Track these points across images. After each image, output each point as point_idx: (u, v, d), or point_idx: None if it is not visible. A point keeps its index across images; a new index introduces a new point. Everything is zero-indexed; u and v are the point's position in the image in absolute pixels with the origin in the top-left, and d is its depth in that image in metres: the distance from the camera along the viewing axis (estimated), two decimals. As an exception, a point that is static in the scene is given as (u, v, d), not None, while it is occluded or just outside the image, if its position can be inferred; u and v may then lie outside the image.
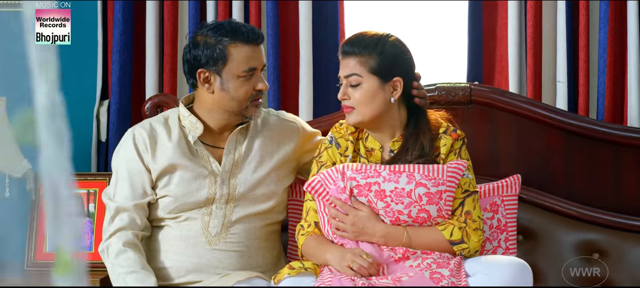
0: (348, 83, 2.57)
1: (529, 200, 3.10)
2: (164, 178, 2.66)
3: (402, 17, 3.60)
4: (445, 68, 3.61)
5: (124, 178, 2.67)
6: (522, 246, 3.05)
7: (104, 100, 3.52)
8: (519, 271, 2.41)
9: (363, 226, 2.50)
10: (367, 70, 2.54)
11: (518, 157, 3.15)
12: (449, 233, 2.51)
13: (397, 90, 2.57)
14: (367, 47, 2.55)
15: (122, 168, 2.69)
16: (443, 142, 2.59)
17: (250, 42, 2.61)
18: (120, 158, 2.71)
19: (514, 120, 3.16)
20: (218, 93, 2.62)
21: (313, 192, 2.58)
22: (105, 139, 3.50)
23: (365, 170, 2.53)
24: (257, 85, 2.63)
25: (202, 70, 2.62)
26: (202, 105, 2.68)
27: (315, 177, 2.58)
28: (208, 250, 2.63)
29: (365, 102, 2.55)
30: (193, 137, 2.67)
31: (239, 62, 2.60)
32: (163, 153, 2.66)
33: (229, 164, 2.68)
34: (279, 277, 2.49)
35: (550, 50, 3.39)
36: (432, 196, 2.49)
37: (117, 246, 2.59)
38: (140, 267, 2.55)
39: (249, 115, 2.66)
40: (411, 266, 2.46)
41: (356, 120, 2.58)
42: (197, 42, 2.63)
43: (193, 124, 2.66)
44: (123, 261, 2.57)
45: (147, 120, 2.77)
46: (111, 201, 2.67)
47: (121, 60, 3.45)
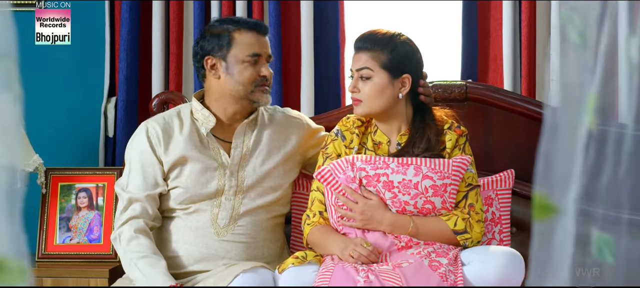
0: (359, 76, 2.63)
1: (523, 194, 3.11)
2: (176, 170, 2.71)
3: (400, 17, 3.62)
4: (440, 66, 3.62)
5: (137, 170, 2.72)
6: (516, 238, 3.06)
7: (111, 97, 3.55)
8: (511, 260, 2.47)
9: (371, 214, 2.57)
10: (379, 65, 2.61)
11: (512, 153, 3.17)
12: (454, 223, 2.57)
13: (405, 86, 2.64)
14: (379, 43, 2.62)
15: (135, 160, 2.74)
16: (448, 137, 2.66)
17: (254, 29, 2.70)
18: (133, 151, 2.75)
19: (508, 116, 3.18)
20: (223, 77, 2.70)
21: (322, 181, 2.63)
22: (113, 135, 3.53)
23: (374, 161, 2.59)
24: (261, 71, 2.70)
25: (209, 57, 2.70)
26: (211, 95, 2.74)
27: (326, 166, 2.64)
28: (216, 241, 2.69)
29: (374, 96, 2.62)
30: (206, 129, 2.72)
31: (243, 47, 2.69)
32: (175, 146, 2.71)
33: (237, 156, 2.73)
34: (284, 266, 2.53)
35: (544, 48, 3.39)
36: (438, 188, 2.56)
37: (129, 233, 2.65)
38: (151, 252, 2.61)
39: (255, 99, 2.72)
40: (412, 254, 2.51)
41: (363, 112, 2.65)
42: (204, 34, 2.73)
43: (206, 116, 2.73)
44: (134, 247, 2.62)
45: (160, 114, 2.82)
46: (124, 191, 2.72)
47: (128, 58, 3.47)
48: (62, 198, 3.25)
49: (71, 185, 3.26)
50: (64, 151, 3.52)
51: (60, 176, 3.27)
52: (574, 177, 1.39)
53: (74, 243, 3.21)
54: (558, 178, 1.39)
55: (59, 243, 3.20)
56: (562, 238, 1.38)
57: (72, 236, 3.22)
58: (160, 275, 2.55)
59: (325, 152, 2.72)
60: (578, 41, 1.40)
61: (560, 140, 1.40)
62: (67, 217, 3.23)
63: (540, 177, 1.38)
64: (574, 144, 1.40)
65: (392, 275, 2.42)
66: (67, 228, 3.22)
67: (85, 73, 3.56)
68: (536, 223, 1.40)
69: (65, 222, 3.23)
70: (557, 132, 1.41)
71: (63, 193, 3.25)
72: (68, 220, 3.23)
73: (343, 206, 2.60)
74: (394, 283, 2.39)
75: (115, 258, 3.17)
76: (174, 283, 2.53)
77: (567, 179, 1.39)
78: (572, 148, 1.41)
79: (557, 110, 1.41)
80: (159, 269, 2.57)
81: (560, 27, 1.40)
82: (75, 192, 3.25)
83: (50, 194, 3.24)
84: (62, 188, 3.26)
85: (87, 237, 3.21)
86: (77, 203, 3.24)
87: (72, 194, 3.25)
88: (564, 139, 1.40)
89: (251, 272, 2.54)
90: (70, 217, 3.23)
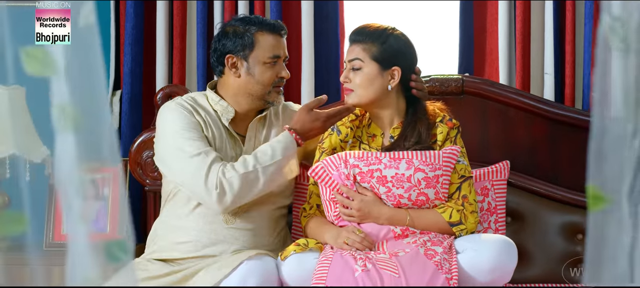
0: (351, 67, 2.70)
1: (517, 185, 3.17)
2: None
3: (398, 13, 3.65)
4: (438, 61, 3.65)
5: (190, 131, 2.70)
6: (511, 227, 3.12)
7: (116, 90, 3.56)
8: (504, 247, 2.53)
9: (369, 210, 2.61)
10: (369, 57, 2.68)
11: (507, 145, 3.22)
12: (449, 215, 2.62)
13: (394, 78, 2.69)
14: (372, 36, 2.69)
15: (181, 128, 2.70)
16: (439, 130, 2.70)
17: (276, 31, 2.76)
18: (174, 124, 2.72)
19: (504, 109, 3.23)
20: (244, 77, 2.76)
21: (316, 178, 2.68)
22: (118, 127, 3.54)
23: (367, 157, 2.64)
24: (280, 72, 2.77)
25: (230, 56, 2.75)
26: (227, 91, 2.80)
27: (319, 163, 2.69)
28: (224, 228, 2.75)
29: (364, 86, 2.68)
30: (227, 119, 2.78)
31: (265, 49, 2.75)
32: (207, 127, 2.75)
33: (250, 149, 2.80)
34: (286, 253, 2.59)
35: (538, 44, 3.44)
36: (430, 180, 2.61)
37: (223, 167, 2.65)
38: (255, 151, 2.71)
39: (271, 100, 2.79)
40: (408, 243, 2.56)
41: (354, 101, 2.71)
42: (227, 31, 2.77)
43: (224, 107, 2.78)
44: (242, 162, 2.67)
45: (180, 97, 2.82)
46: (183, 152, 2.67)
47: (133, 52, 3.49)
48: (69, 188, 3.29)
49: (78, 176, 3.31)
50: (70, 143, 3.54)
51: (67, 167, 3.30)
52: (626, 172, 1.47)
53: (80, 233, 3.25)
54: (609, 173, 1.47)
55: (66, 233, 3.23)
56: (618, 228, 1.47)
57: (79, 225, 3.26)
58: (276, 141, 2.70)
59: (321, 146, 2.77)
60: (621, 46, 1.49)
61: (608, 138, 1.48)
62: (74, 207, 3.27)
63: (593, 171, 1.46)
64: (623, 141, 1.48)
65: (389, 263, 2.47)
66: (74, 217, 3.27)
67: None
68: (591, 214, 1.49)
69: (72, 212, 3.27)
70: (606, 131, 1.49)
71: (70, 184, 3.29)
72: (75, 210, 3.27)
73: (341, 204, 2.64)
74: (391, 271, 2.44)
75: (120, 247, 3.21)
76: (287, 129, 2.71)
77: (620, 173, 1.46)
78: (621, 145, 1.48)
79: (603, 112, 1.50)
80: (272, 143, 2.70)
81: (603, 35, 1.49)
82: (82, 182, 3.29)
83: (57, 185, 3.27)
84: (69, 179, 3.30)
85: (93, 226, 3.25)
86: (84, 194, 3.28)
87: (79, 185, 3.29)
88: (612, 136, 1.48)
89: (255, 259, 2.60)
90: (76, 207, 3.28)
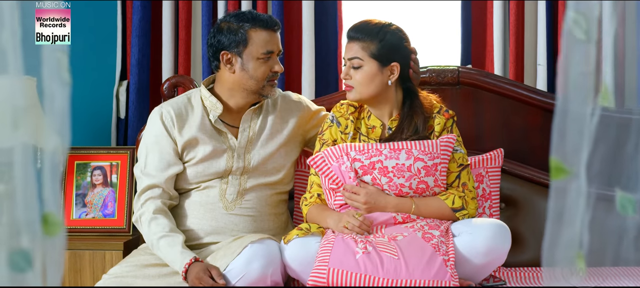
0: (351, 65, 2.75)
1: (511, 172, 3.23)
2: (188, 150, 2.83)
3: (399, 10, 3.71)
4: (440, 54, 3.71)
5: (154, 152, 2.84)
6: (505, 213, 3.19)
7: (123, 80, 3.64)
8: (498, 231, 2.60)
9: (375, 201, 2.67)
10: (368, 55, 2.73)
11: (501, 133, 3.28)
12: (451, 201, 2.69)
13: (394, 74, 2.75)
14: (369, 33, 2.73)
15: (151, 143, 2.85)
16: (437, 121, 2.77)
17: (269, 27, 2.82)
18: (149, 135, 2.87)
19: (498, 99, 3.29)
20: (239, 73, 2.82)
21: (315, 167, 2.76)
22: (125, 116, 3.63)
23: (367, 150, 2.71)
24: (273, 67, 2.83)
25: (225, 52, 2.81)
26: (223, 86, 2.87)
27: (319, 153, 2.75)
28: (225, 215, 2.83)
29: (365, 83, 2.74)
30: (214, 116, 2.84)
31: (258, 45, 2.80)
32: (188, 129, 2.84)
33: (244, 140, 2.87)
34: (289, 237, 2.66)
35: (532, 35, 3.50)
36: (429, 168, 2.68)
37: (149, 215, 2.78)
38: (169, 231, 2.74)
39: (265, 93, 2.85)
40: (406, 227, 2.64)
41: (355, 97, 2.77)
42: (221, 28, 2.83)
43: (213, 104, 2.85)
44: (154, 227, 2.75)
45: (172, 99, 2.94)
46: (142, 174, 2.84)
47: (140, 43, 3.56)
48: (78, 175, 3.37)
49: (87, 163, 3.38)
50: (79, 131, 3.59)
51: (77, 155, 3.38)
52: (585, 147, 1.59)
53: (89, 218, 3.34)
54: (570, 147, 1.58)
55: (75, 218, 3.34)
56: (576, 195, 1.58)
57: (88, 211, 3.34)
58: (178, 253, 2.68)
59: (322, 138, 2.83)
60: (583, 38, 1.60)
61: (570, 117, 1.59)
62: (83, 194, 3.36)
63: (556, 146, 1.58)
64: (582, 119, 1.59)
65: (388, 246, 2.55)
66: (83, 204, 3.35)
67: (97, 58, 3.64)
68: (553, 182, 1.60)
69: (81, 198, 3.35)
70: (567, 112, 1.59)
71: (79, 171, 3.37)
72: (84, 196, 3.35)
73: (348, 199, 2.69)
74: (391, 253, 2.52)
75: (128, 232, 3.31)
76: (190, 259, 2.65)
77: (578, 149, 1.58)
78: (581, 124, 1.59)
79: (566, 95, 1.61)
80: (176, 248, 2.69)
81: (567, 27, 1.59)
82: (91, 170, 3.37)
83: (67, 172, 3.36)
84: (78, 167, 3.38)
85: (102, 212, 3.34)
86: (93, 181, 3.36)
87: (88, 172, 3.37)
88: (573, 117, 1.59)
89: (258, 243, 2.66)
90: (86, 193, 3.36)
